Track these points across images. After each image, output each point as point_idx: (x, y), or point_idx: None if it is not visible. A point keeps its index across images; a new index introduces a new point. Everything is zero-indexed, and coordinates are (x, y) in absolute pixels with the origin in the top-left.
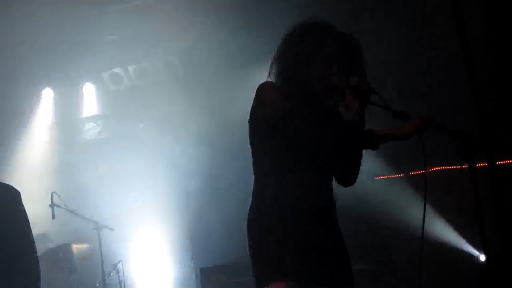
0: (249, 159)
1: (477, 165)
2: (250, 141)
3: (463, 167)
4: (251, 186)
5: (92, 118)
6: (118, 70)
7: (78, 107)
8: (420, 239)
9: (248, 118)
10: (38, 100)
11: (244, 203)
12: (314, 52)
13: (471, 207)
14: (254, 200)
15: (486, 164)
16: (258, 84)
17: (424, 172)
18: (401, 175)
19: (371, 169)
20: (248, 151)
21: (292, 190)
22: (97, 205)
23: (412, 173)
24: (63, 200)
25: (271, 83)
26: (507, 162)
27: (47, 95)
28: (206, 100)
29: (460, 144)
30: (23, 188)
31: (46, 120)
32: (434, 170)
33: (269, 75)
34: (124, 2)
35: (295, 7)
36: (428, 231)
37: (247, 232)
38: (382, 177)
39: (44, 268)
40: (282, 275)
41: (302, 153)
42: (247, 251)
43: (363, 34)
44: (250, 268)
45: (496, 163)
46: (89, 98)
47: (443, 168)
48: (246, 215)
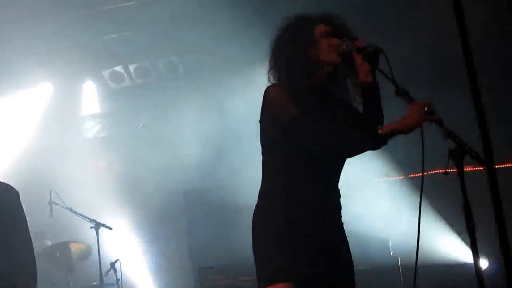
0: (249, 158)
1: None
2: (261, 141)
3: (448, 170)
4: (250, 186)
5: (92, 117)
6: (118, 69)
7: (78, 105)
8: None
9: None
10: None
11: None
12: (309, 37)
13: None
14: (261, 199)
15: (480, 168)
16: (258, 83)
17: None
18: (403, 177)
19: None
20: (249, 150)
21: (300, 191)
22: (95, 203)
23: (411, 175)
24: (61, 198)
25: (278, 85)
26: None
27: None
28: (207, 99)
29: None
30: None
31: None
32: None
33: (269, 75)
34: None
35: (298, 6)
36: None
37: (252, 231)
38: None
39: (42, 266)
40: (287, 276)
41: (311, 154)
42: (246, 252)
43: None
44: (248, 269)
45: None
46: (89, 96)
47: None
48: (245, 215)
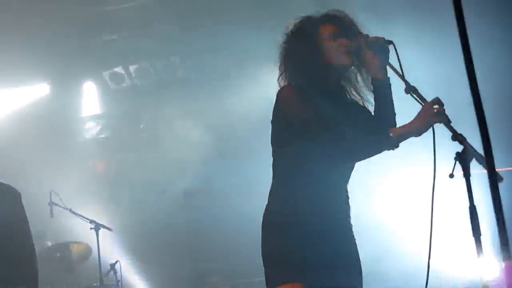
0: (251, 159)
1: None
2: (272, 142)
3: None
4: (252, 187)
5: (92, 117)
6: (119, 70)
7: (78, 106)
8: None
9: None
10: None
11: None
12: (316, 39)
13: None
14: (271, 200)
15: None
16: (260, 83)
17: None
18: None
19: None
20: (251, 151)
21: (311, 192)
22: (95, 204)
23: None
24: (61, 199)
25: (291, 87)
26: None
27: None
28: (208, 101)
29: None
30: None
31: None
32: None
33: (280, 75)
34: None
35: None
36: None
37: (262, 231)
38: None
39: (42, 267)
40: (298, 276)
41: (323, 156)
42: (246, 253)
43: None
44: (247, 270)
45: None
46: (89, 97)
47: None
48: (247, 216)
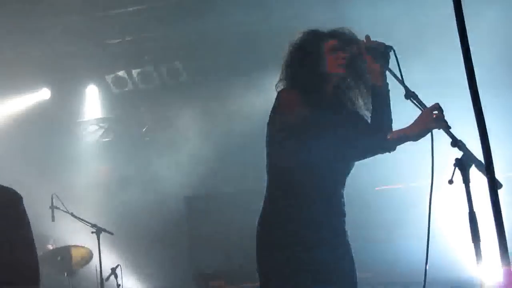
0: (251, 165)
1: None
2: (267, 144)
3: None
4: (252, 193)
5: (95, 121)
6: (121, 74)
7: (81, 110)
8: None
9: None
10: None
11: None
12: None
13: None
14: (267, 204)
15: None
16: (262, 88)
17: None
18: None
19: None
20: (251, 157)
21: (307, 197)
22: (97, 208)
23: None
24: (63, 202)
25: (291, 90)
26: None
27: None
28: (210, 105)
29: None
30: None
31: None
32: None
33: (280, 80)
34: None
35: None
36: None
37: (257, 236)
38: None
39: (43, 270)
40: (293, 282)
41: (319, 160)
42: (246, 258)
43: None
44: (247, 275)
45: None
46: (92, 100)
47: None
48: (246, 222)
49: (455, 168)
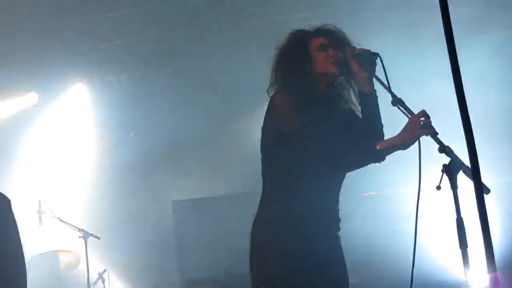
0: (242, 169)
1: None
2: (261, 149)
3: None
4: (242, 197)
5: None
6: (110, 77)
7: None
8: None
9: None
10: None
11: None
12: (306, 51)
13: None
14: (260, 209)
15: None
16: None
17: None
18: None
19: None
20: (242, 162)
21: (300, 202)
22: (84, 213)
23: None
24: (50, 207)
25: (283, 94)
26: None
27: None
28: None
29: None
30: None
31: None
32: None
33: (271, 85)
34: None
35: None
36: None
37: (250, 241)
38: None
39: (30, 275)
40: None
41: (313, 165)
42: (235, 264)
43: None
44: (236, 281)
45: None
46: (80, 104)
47: None
48: (235, 226)
49: (442, 174)
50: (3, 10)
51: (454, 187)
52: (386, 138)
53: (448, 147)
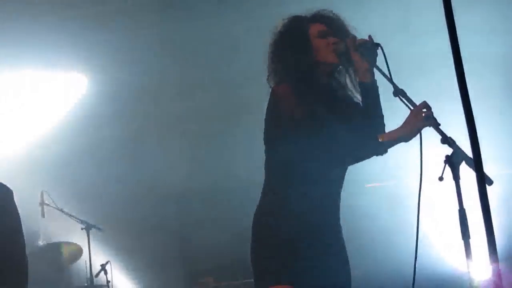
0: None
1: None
2: (264, 141)
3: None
4: (244, 190)
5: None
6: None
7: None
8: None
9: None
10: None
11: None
12: (305, 38)
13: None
14: (263, 200)
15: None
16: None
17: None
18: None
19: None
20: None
21: (302, 193)
22: (87, 204)
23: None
24: (53, 198)
25: (286, 85)
26: None
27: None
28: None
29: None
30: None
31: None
32: None
33: (268, 80)
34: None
35: None
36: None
37: (252, 232)
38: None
39: (32, 267)
40: (288, 278)
41: (315, 158)
42: (238, 255)
43: None
44: (239, 272)
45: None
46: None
47: None
48: (238, 219)
49: (445, 165)
50: None
51: (456, 178)
52: (386, 128)
53: (450, 138)
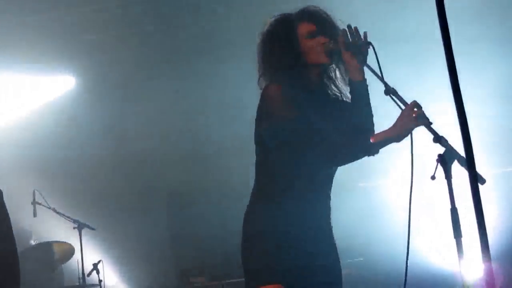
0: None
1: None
2: (255, 141)
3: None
4: (236, 188)
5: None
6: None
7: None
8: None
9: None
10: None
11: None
12: (293, 39)
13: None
14: (253, 200)
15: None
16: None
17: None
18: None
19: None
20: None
21: (292, 194)
22: (79, 204)
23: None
24: (45, 198)
25: (276, 86)
26: None
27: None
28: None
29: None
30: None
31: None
32: None
33: (260, 76)
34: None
35: None
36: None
37: (243, 231)
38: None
39: (24, 266)
40: (278, 277)
41: (306, 159)
42: (229, 254)
43: None
44: (230, 271)
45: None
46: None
47: None
48: (230, 217)
49: (437, 164)
50: None
51: (448, 177)
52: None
53: (442, 137)
